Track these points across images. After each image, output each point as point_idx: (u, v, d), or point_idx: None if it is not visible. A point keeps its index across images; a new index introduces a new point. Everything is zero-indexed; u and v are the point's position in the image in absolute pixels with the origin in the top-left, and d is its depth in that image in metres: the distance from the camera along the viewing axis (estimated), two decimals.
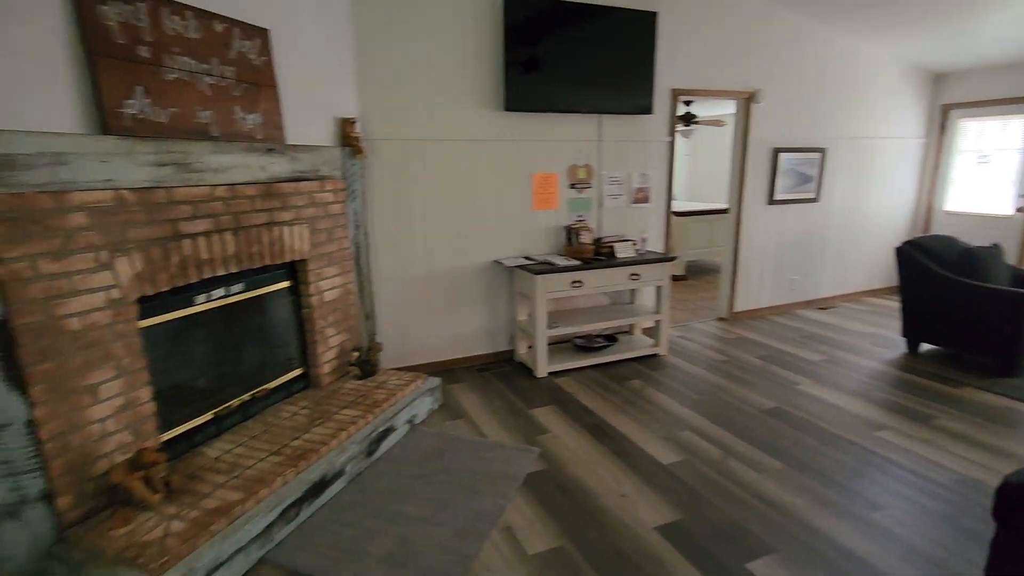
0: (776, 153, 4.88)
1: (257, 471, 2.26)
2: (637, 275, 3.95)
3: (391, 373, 3.32)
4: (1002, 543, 1.70)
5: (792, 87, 4.81)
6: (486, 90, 3.73)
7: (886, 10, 4.22)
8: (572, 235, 4.02)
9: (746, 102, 4.67)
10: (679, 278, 6.78)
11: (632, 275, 3.94)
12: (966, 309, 3.76)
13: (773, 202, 5.00)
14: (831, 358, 4.12)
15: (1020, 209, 5.19)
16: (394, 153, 3.57)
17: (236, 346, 2.73)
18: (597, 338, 4.25)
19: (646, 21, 3.95)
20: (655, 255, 4.11)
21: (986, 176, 5.51)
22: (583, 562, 2.05)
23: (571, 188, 4.15)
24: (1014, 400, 3.34)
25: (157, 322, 2.26)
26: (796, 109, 4.89)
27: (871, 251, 5.76)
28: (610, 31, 3.86)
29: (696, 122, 7.05)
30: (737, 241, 4.95)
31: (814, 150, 5.07)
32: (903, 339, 4.29)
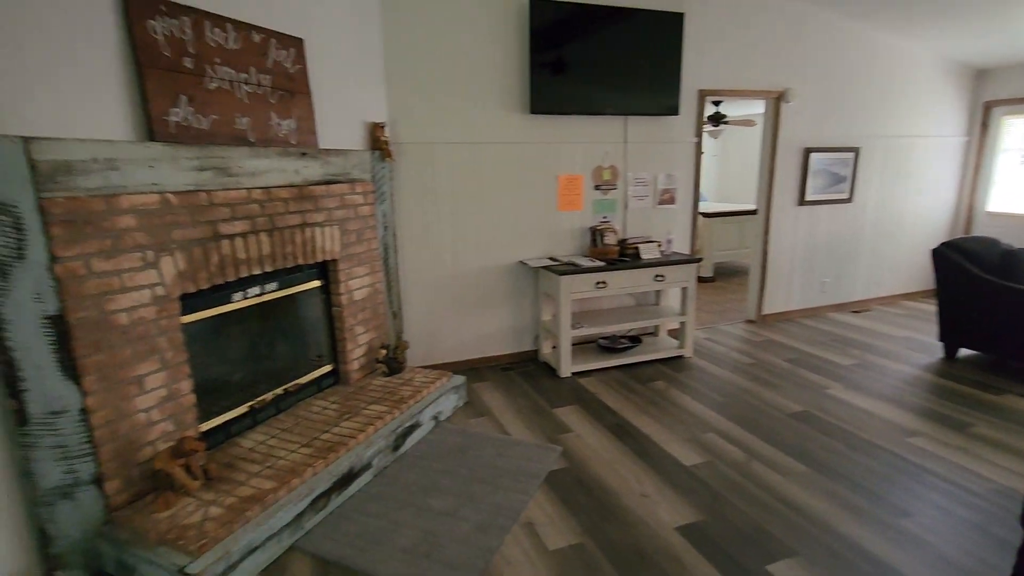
0: (807, 153, 4.79)
1: (289, 462, 2.36)
2: (662, 276, 3.94)
3: (417, 371, 3.41)
4: None
5: (824, 86, 4.72)
6: (512, 93, 3.78)
7: (927, 5, 4.10)
8: (597, 236, 4.04)
9: (775, 101, 4.61)
10: (707, 280, 6.70)
11: (657, 276, 3.93)
12: (1008, 313, 3.62)
13: (804, 203, 4.91)
14: (863, 362, 4.03)
15: None
16: (421, 156, 3.65)
17: (270, 342, 2.85)
18: (621, 339, 4.26)
19: (673, 22, 3.94)
20: (680, 256, 4.09)
21: None
22: (603, 559, 2.08)
23: (596, 189, 4.17)
24: None
25: (197, 318, 2.38)
26: (828, 108, 4.80)
27: (908, 253, 5.59)
28: (636, 33, 3.86)
29: (726, 122, 6.97)
30: (766, 242, 4.88)
31: (847, 149, 4.95)
32: (940, 344, 4.16)
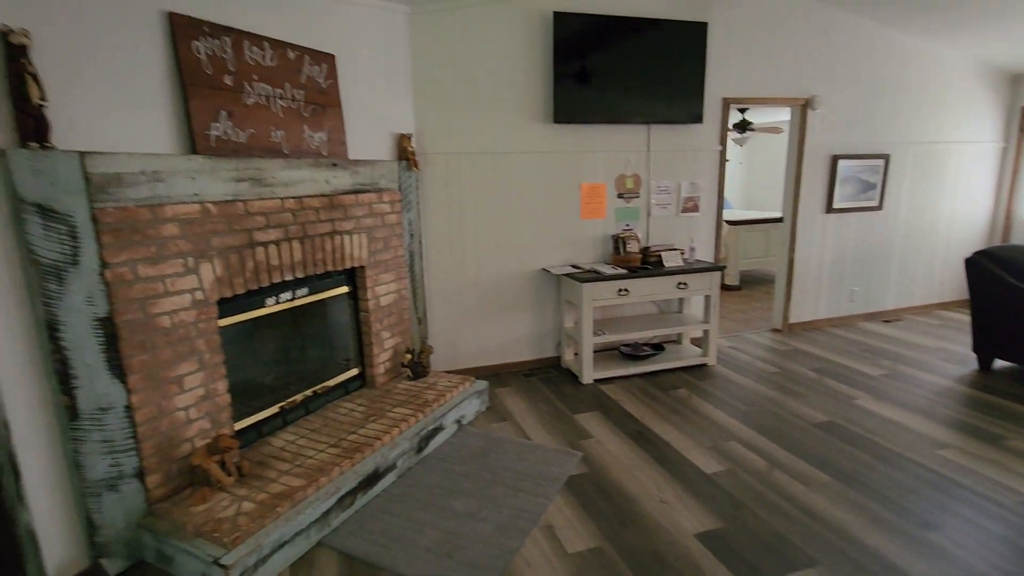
0: (835, 160, 4.74)
1: (317, 461, 2.45)
2: (685, 284, 3.94)
3: (441, 375, 3.48)
4: None
5: (852, 92, 4.66)
6: (535, 104, 3.85)
7: (963, 10, 4.03)
8: (619, 244, 4.06)
9: (802, 109, 4.57)
10: (733, 288, 6.64)
11: (679, 284, 3.94)
12: None
13: (832, 210, 4.84)
14: (893, 373, 3.94)
15: None
16: (447, 165, 3.75)
17: (300, 346, 2.96)
18: (644, 346, 4.26)
19: (696, 32, 3.96)
20: (704, 264, 4.08)
21: None
22: (621, 563, 2.10)
23: (619, 198, 4.20)
24: None
25: (233, 322, 2.50)
26: (857, 114, 4.73)
27: (943, 261, 5.45)
28: (659, 43, 3.89)
29: (752, 129, 6.92)
30: (792, 251, 4.82)
31: (877, 156, 4.87)
32: (974, 355, 4.05)
